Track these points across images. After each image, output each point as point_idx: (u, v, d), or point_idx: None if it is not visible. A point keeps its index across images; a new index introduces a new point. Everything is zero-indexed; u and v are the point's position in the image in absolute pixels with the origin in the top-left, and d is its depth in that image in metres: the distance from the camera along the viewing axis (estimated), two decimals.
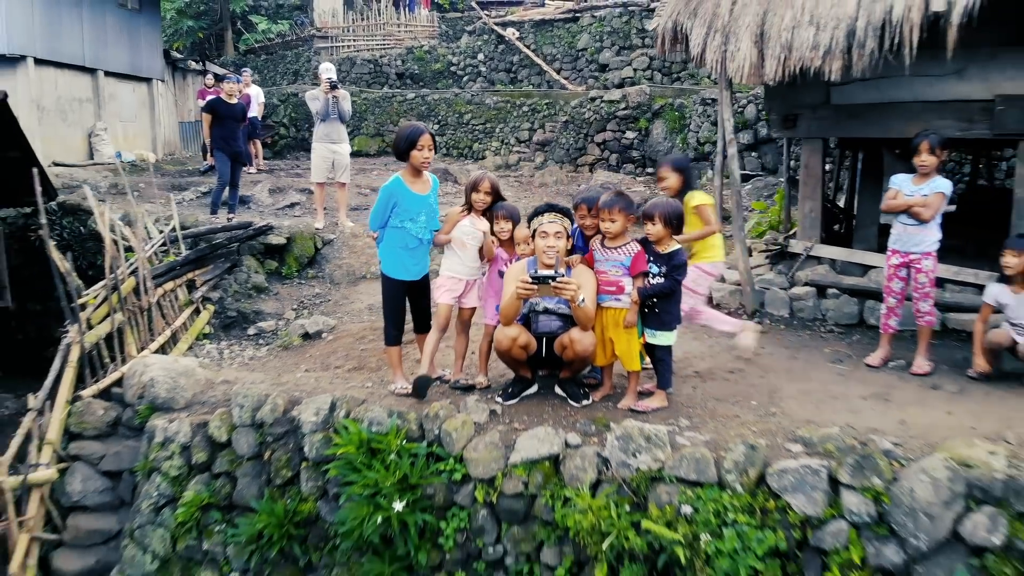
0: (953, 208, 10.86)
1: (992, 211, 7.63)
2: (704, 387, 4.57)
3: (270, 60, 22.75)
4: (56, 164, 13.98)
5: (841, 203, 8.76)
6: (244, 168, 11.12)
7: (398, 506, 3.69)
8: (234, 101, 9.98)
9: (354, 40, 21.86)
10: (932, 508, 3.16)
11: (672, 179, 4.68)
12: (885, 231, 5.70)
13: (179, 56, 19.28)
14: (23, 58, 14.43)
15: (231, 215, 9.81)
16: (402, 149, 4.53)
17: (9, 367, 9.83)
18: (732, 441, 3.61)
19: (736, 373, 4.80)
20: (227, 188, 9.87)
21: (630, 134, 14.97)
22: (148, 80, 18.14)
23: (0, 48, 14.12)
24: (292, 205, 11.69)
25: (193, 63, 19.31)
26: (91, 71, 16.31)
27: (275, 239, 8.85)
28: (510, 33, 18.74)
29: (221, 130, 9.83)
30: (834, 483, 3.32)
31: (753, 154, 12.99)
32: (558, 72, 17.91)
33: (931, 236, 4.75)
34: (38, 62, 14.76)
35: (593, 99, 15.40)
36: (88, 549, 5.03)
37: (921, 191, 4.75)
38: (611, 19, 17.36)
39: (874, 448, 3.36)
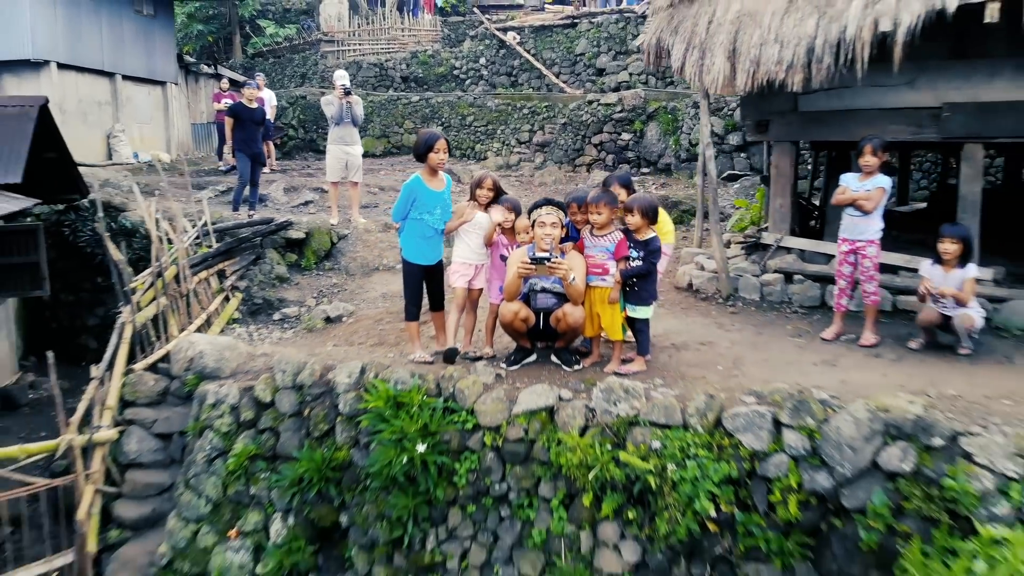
0: (923, 205, 11.64)
1: (948, 207, 8.40)
2: (678, 356, 5.34)
3: (278, 63, 23.52)
4: (78, 164, 14.73)
5: (817, 201, 9.53)
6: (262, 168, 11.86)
7: (421, 448, 4.46)
8: (255, 106, 10.75)
9: (360, 44, 22.64)
10: (855, 443, 3.93)
11: (624, 192, 5.39)
12: None
13: (191, 60, 20.05)
14: (47, 63, 15.19)
15: (252, 212, 10.58)
16: (421, 152, 5.31)
17: (44, 352, 10.58)
18: (696, 394, 4.38)
19: (707, 345, 5.57)
20: (248, 187, 10.65)
21: (625, 136, 15.73)
22: (163, 83, 18.91)
23: (26, 54, 14.90)
24: (306, 203, 12.45)
25: (205, 67, 20.07)
26: (109, 75, 17.07)
27: (294, 234, 9.63)
28: (511, 38, 19.51)
29: (242, 133, 10.61)
30: (777, 424, 4.10)
31: (743, 155, 13.76)
32: (557, 76, 18.69)
33: (874, 225, 5.53)
34: (60, 67, 15.51)
35: (590, 102, 16.17)
36: (144, 500, 5.80)
37: (865, 187, 5.53)
38: (608, 25, 18.14)
39: (810, 396, 4.13)
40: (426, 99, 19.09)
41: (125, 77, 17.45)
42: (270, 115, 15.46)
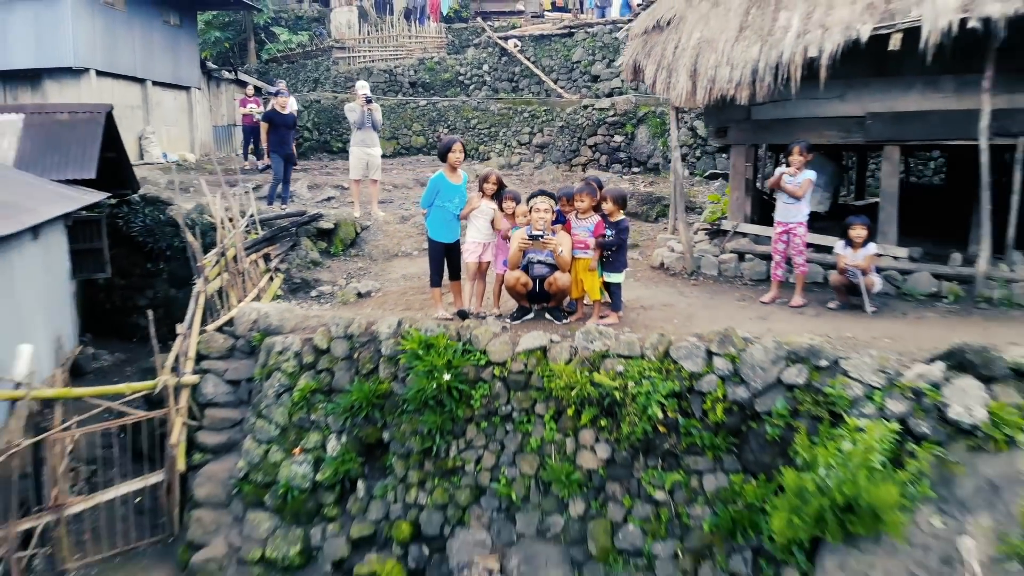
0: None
1: (904, 200, 9.94)
2: (645, 314, 6.86)
3: (291, 68, 25.02)
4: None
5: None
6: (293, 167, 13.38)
7: (446, 376, 5.97)
8: (287, 112, 12.27)
9: (369, 51, 24.16)
10: (764, 365, 5.45)
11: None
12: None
13: (213, 67, 21.57)
14: (87, 70, 16.73)
15: (284, 206, 12.11)
16: (442, 153, 6.84)
17: (100, 330, 12.10)
18: (652, 335, 5.90)
19: (668, 307, 7.09)
20: (280, 184, 12.16)
21: (618, 138, 17.25)
22: (187, 88, 20.44)
23: (68, 62, 16.45)
24: (329, 199, 13.97)
25: (226, 73, 21.60)
26: (141, 81, 18.61)
27: (324, 224, 11.15)
28: (512, 46, 21.03)
29: (276, 136, 12.14)
30: (709, 353, 5.62)
31: (724, 156, 15.27)
32: (555, 82, 20.22)
33: (803, 210, 7.06)
34: (99, 74, 17.06)
35: (586, 107, 17.69)
36: (220, 431, 7.32)
37: (796, 180, 7.05)
38: (602, 35, 19.68)
39: (734, 333, 5.64)
40: (433, 103, 20.59)
41: (155, 83, 18.99)
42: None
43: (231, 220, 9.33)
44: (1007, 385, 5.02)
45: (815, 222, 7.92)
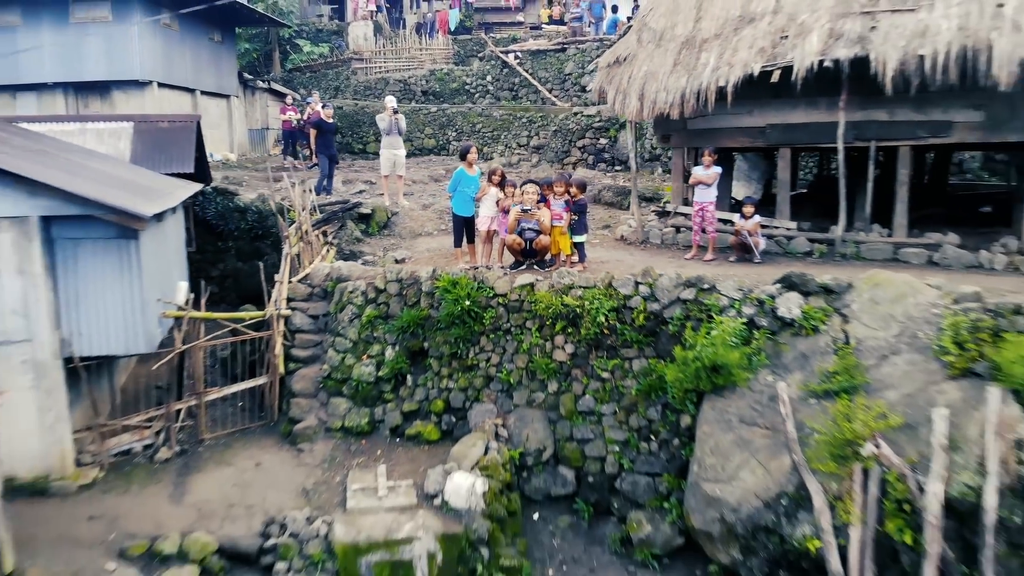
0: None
1: (825, 190, 13.18)
2: (603, 265, 10.13)
3: (313, 77, 28.32)
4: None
5: None
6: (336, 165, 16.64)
7: (467, 304, 9.23)
8: (331, 121, 15.55)
9: (384, 62, 27.45)
10: (669, 288, 8.71)
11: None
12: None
13: (249, 77, 24.87)
14: (150, 82, 20.03)
15: (328, 195, 15.38)
16: (462, 154, 10.14)
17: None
18: (602, 274, 9.17)
19: (620, 261, 10.36)
20: (326, 178, 15.43)
21: (603, 141, 20.53)
22: (227, 96, 23.75)
23: (134, 75, 19.76)
24: (360, 191, 17.23)
25: (260, 82, 24.89)
26: (191, 91, 21.91)
27: (364, 210, 14.43)
28: (512, 59, 24.32)
29: (323, 140, 15.43)
30: (636, 283, 8.88)
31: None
32: (549, 91, 23.52)
33: (712, 194, 10.33)
34: (159, 85, 20.35)
35: (575, 114, 20.99)
36: (306, 348, 10.57)
37: (707, 172, 10.32)
38: (591, 51, 22.99)
39: (651, 270, 8.90)
40: (443, 110, 23.91)
41: (202, 92, 22.28)
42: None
43: (302, 205, 12.57)
44: (817, 296, 8.28)
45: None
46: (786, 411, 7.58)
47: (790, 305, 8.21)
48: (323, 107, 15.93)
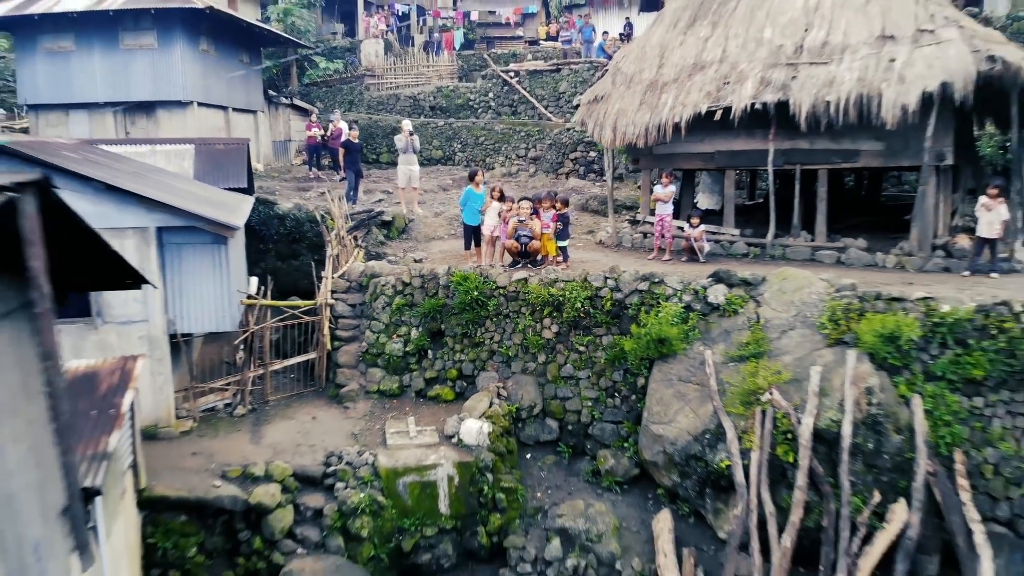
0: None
1: (764, 206, 16.04)
2: (582, 264, 12.99)
3: (329, 92, 31.17)
4: None
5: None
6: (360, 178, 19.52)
7: (475, 294, 12.09)
8: (356, 141, 18.40)
9: (394, 78, 30.31)
10: (630, 281, 11.57)
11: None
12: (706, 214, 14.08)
13: (273, 93, 27.73)
14: (191, 102, 22.89)
15: (353, 205, 18.24)
16: (471, 176, 13.11)
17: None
18: (579, 270, 12.03)
19: (596, 261, 13.22)
20: (352, 190, 18.30)
21: (592, 153, 23.35)
22: (254, 112, 26.59)
23: (178, 96, 22.63)
24: (379, 200, 20.08)
25: (283, 99, 27.77)
26: (224, 108, 24.76)
27: (386, 218, 17.28)
28: (511, 77, 27.17)
29: (350, 157, 18.29)
30: (605, 277, 11.73)
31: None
32: (545, 108, 26.36)
33: (669, 208, 13.20)
34: (199, 104, 23.21)
35: (568, 129, 23.81)
36: (348, 330, 13.43)
37: (665, 192, 13.18)
38: (583, 72, 25.84)
39: (617, 268, 11.75)
40: (449, 123, 26.75)
41: (234, 109, 25.14)
42: (346, 138, 23.16)
43: (339, 213, 15.43)
44: (739, 287, 11.13)
45: (711, 215, 14.08)
46: (711, 371, 10.43)
47: (717, 294, 11.06)
48: (350, 129, 18.78)
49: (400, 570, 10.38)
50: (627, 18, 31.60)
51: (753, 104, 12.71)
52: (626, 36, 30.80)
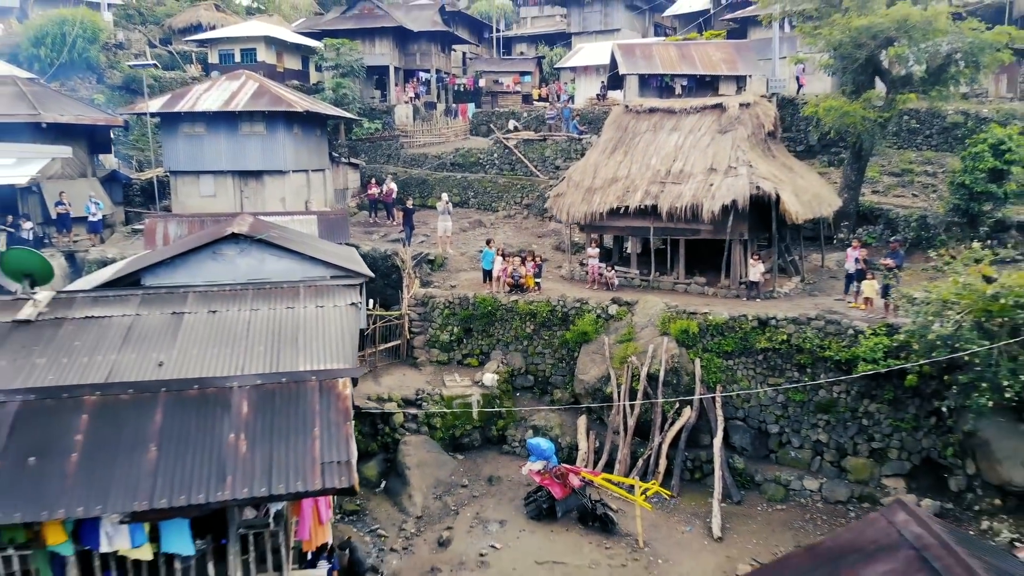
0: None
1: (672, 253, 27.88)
2: (550, 291, 24.93)
3: (371, 146, 43.09)
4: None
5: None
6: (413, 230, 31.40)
7: (489, 308, 24.00)
8: (412, 207, 30.30)
9: (422, 136, 42.22)
10: (571, 301, 23.51)
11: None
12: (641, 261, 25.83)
13: (335, 155, 39.68)
14: (288, 171, 34.81)
15: (408, 246, 30.12)
16: (487, 241, 25.00)
17: None
18: (550, 297, 23.96)
19: (557, 289, 25.15)
20: (408, 238, 30.22)
21: None
22: (323, 170, 38.48)
23: (280, 166, 34.66)
24: (422, 241, 31.91)
25: (343, 159, 39.71)
26: (305, 171, 36.66)
27: (430, 257, 29.19)
28: (511, 143, 39.08)
29: (407, 216, 30.23)
30: (558, 300, 23.64)
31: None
32: (535, 167, 38.26)
33: (596, 259, 25.07)
34: (294, 171, 35.11)
35: (551, 185, 35.65)
36: (417, 329, 25.34)
37: (593, 251, 25.08)
38: (563, 144, 37.80)
39: (565, 295, 23.63)
40: (464, 177, 38.67)
41: (312, 170, 37.00)
42: (396, 195, 35.13)
43: (406, 253, 27.36)
44: (624, 306, 23.08)
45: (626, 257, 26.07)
46: (606, 348, 22.32)
47: (613, 309, 22.91)
48: (409, 200, 30.67)
49: (454, 446, 22.27)
50: (602, 82, 43.52)
51: (642, 203, 24.57)
52: (602, 96, 42.97)
